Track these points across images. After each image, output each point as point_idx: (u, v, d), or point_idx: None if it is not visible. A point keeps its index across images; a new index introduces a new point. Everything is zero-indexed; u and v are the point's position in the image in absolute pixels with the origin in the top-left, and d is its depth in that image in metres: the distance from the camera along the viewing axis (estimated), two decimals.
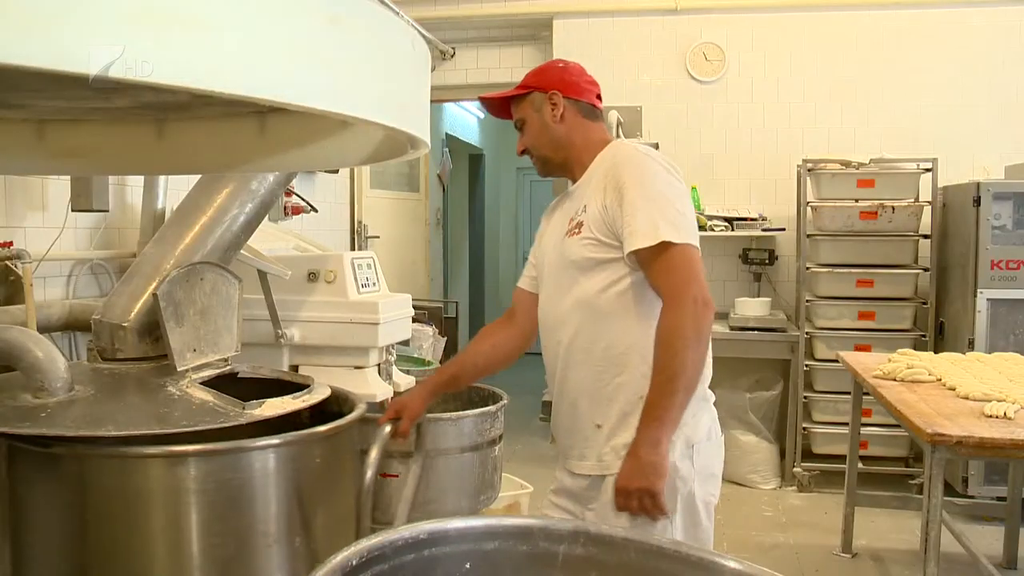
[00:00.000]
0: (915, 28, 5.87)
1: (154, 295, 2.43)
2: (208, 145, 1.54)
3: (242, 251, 2.91)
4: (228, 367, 2.72)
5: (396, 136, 1.28)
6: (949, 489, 4.77)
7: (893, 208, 5.36)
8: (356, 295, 3.25)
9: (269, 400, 2.47)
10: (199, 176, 2.87)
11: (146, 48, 0.75)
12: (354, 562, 1.19)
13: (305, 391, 2.75)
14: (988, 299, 4.98)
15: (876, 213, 5.38)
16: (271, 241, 3.51)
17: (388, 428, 2.50)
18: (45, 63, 0.71)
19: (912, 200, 5.43)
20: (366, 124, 1.16)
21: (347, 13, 0.91)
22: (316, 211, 5.00)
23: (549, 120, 2.37)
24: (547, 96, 2.38)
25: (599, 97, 2.44)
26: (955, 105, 5.80)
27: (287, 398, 2.75)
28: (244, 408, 2.31)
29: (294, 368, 3.32)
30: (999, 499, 4.78)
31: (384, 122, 1.06)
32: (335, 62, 0.89)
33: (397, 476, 3.14)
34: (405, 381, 3.45)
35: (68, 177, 3.05)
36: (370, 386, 3.23)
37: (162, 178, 3.32)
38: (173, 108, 1.44)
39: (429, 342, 5.25)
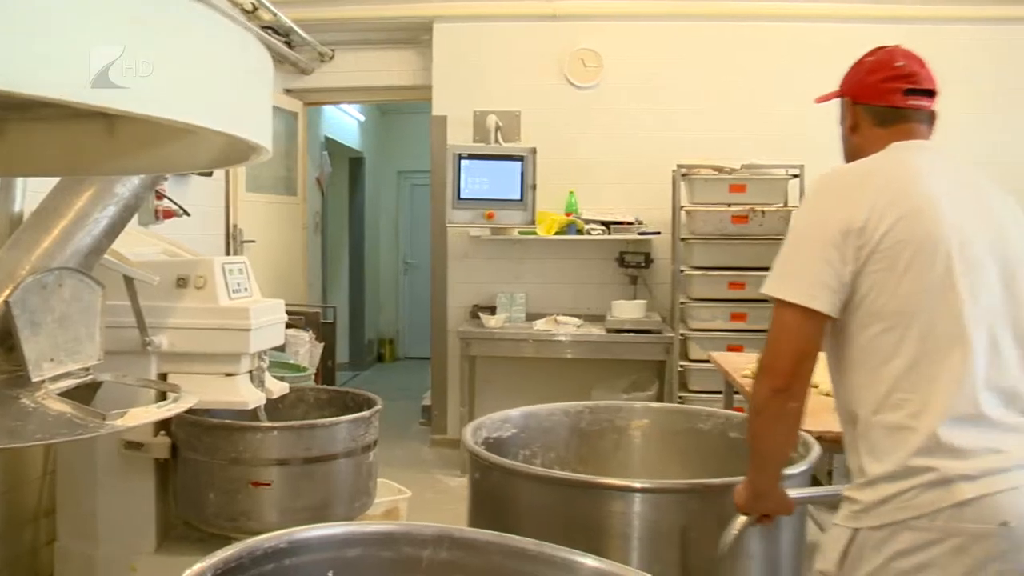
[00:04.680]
0: (782, 39, 6.08)
1: (6, 302, 2.33)
2: (52, 146, 1.48)
3: (106, 256, 2.81)
4: (90, 376, 2.63)
5: (235, 141, 1.25)
6: (815, 481, 4.94)
7: (763, 212, 5.54)
8: (227, 301, 3.18)
9: (132, 410, 2.40)
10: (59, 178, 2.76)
11: None
12: (209, 574, 1.17)
13: (171, 400, 2.68)
14: None
15: (747, 217, 5.55)
16: (138, 245, 3.40)
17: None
18: None
19: (781, 204, 5.63)
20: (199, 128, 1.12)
21: (154, 12, 0.87)
22: (188, 215, 4.88)
23: (845, 131, 2.12)
24: (847, 103, 2.11)
25: (920, 91, 1.99)
26: (819, 114, 5.98)
27: (152, 407, 2.68)
28: (105, 418, 2.25)
29: (163, 376, 3.23)
30: None
31: (209, 126, 1.01)
32: (145, 64, 0.85)
33: (269, 484, 3.09)
34: (278, 387, 3.39)
35: None
36: (241, 393, 3.16)
37: (19, 180, 3.18)
38: (13, 108, 1.38)
39: (306, 348, 5.18)
